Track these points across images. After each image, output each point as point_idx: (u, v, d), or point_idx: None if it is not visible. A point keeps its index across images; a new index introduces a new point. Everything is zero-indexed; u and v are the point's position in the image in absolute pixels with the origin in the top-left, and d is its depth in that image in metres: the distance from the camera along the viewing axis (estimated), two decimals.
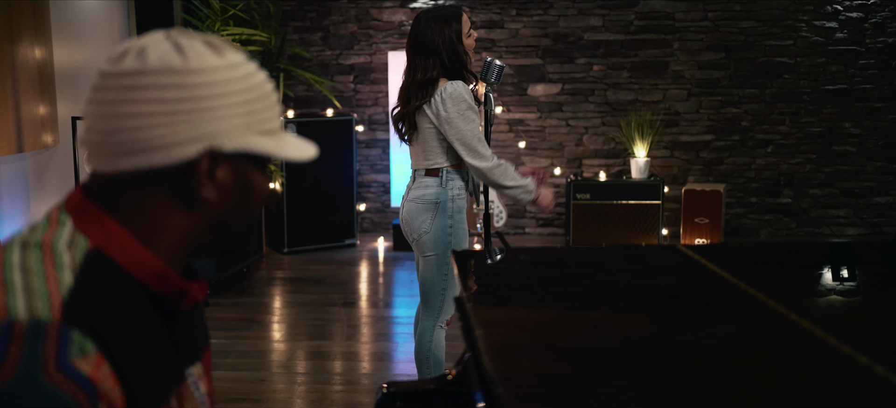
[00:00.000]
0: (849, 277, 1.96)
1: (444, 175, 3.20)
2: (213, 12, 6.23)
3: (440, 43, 3.16)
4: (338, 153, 6.80)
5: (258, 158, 1.09)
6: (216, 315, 5.15)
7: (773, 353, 1.34)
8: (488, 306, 1.65)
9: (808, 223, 7.23)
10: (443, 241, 3.20)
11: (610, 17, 7.09)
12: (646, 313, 1.58)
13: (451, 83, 3.14)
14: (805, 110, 7.09)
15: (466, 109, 3.11)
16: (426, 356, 3.30)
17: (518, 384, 1.20)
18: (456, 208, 3.22)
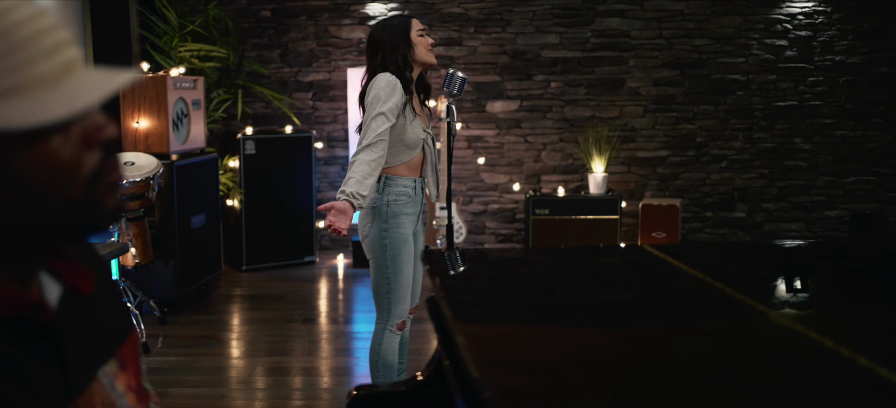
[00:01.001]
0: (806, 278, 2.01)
1: (383, 181, 3.27)
2: (171, 28, 6.19)
3: (384, 39, 3.28)
4: (297, 170, 6.77)
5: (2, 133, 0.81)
6: (175, 333, 5.08)
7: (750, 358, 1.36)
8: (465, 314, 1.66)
9: (761, 237, 7.36)
10: (379, 245, 3.26)
11: (567, 35, 7.18)
12: (611, 325, 1.60)
13: (380, 74, 3.22)
14: (757, 126, 7.24)
15: (374, 98, 3.17)
16: (376, 359, 3.33)
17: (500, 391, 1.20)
18: (392, 214, 3.26)
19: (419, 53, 3.33)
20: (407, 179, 3.31)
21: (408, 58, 3.30)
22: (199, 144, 5.85)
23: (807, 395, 1.15)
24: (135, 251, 5.01)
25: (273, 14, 7.28)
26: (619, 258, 2.52)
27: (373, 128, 3.16)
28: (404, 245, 3.31)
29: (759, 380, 1.22)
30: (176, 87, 5.51)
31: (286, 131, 6.80)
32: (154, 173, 4.94)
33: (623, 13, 7.15)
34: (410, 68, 3.32)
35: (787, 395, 1.15)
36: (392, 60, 3.28)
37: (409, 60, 3.31)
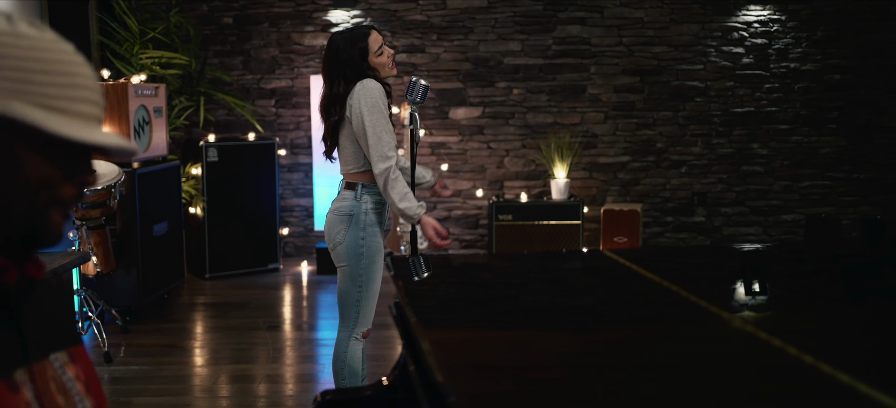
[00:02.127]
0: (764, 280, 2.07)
1: (359, 189, 3.29)
2: (132, 35, 6.15)
3: (346, 59, 3.26)
4: (260, 177, 6.75)
5: (32, 130, 1.01)
6: (137, 342, 5.05)
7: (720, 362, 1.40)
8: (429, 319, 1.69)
9: (720, 240, 7.49)
10: (355, 253, 3.26)
11: (529, 42, 7.25)
12: (574, 330, 1.64)
13: (364, 81, 3.23)
14: (716, 132, 7.37)
15: (372, 106, 3.19)
16: (341, 367, 3.34)
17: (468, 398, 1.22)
18: (369, 222, 3.28)
19: (383, 74, 3.35)
20: (376, 188, 3.33)
21: (374, 77, 3.31)
22: (161, 151, 5.82)
23: (772, 400, 1.19)
24: (96, 260, 4.96)
25: (235, 21, 7.26)
26: (581, 263, 2.56)
27: (387, 141, 3.18)
28: (379, 254, 3.32)
29: (723, 385, 1.26)
30: (137, 94, 5.47)
31: (249, 138, 6.78)
32: (115, 181, 4.90)
33: (584, 21, 7.24)
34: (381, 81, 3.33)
35: (752, 399, 1.20)
36: (361, 74, 3.28)
37: (377, 77, 3.32)
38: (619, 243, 6.82)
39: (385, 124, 3.21)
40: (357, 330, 3.34)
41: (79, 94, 1.05)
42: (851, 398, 1.13)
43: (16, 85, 1.01)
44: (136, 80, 5.67)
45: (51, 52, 1.04)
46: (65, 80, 1.04)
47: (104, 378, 4.43)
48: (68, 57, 1.06)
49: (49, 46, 1.04)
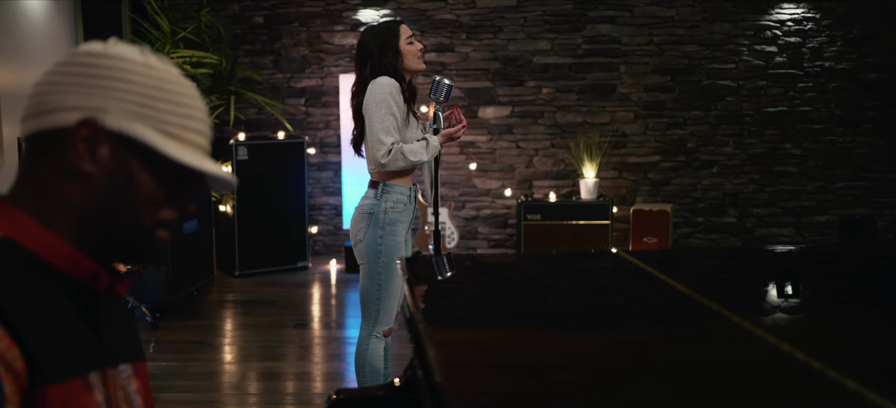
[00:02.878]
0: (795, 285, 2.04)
1: (380, 188, 3.31)
2: (163, 34, 6.21)
3: (373, 48, 3.30)
4: (289, 176, 6.79)
5: (147, 151, 1.10)
6: (166, 338, 5.10)
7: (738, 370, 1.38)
8: (441, 323, 1.68)
9: (752, 242, 7.40)
10: (373, 251, 3.28)
11: (558, 41, 7.22)
12: (601, 331, 1.62)
13: (379, 78, 3.25)
14: (748, 132, 7.28)
15: (380, 102, 3.21)
16: (362, 365, 3.35)
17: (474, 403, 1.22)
18: (389, 221, 3.29)
19: (409, 62, 3.37)
20: (403, 187, 3.34)
21: (397, 67, 3.34)
22: None
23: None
24: None
25: (266, 20, 7.32)
26: (608, 264, 2.54)
27: (380, 128, 3.22)
28: (398, 252, 3.33)
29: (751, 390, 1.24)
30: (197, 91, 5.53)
31: (278, 137, 6.83)
32: None
33: (614, 19, 7.19)
34: (401, 77, 3.36)
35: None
36: (381, 69, 3.32)
37: (398, 69, 3.35)
38: (649, 244, 6.76)
39: (384, 117, 3.22)
40: (378, 328, 3.35)
41: (193, 125, 1.15)
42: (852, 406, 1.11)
43: (140, 109, 1.10)
44: None
45: (174, 85, 1.14)
46: (183, 110, 1.13)
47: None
48: (188, 90, 1.16)
49: (173, 79, 1.14)
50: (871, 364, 1.34)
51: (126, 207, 1.12)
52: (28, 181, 1.11)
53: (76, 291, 1.12)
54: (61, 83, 1.09)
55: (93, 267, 1.12)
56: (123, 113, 1.09)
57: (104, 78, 1.09)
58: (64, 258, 1.09)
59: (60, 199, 1.10)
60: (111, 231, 1.12)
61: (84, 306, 1.13)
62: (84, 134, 1.08)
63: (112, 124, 1.08)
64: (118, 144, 1.10)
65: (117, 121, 1.09)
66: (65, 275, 1.10)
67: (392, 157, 3.23)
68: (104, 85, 1.09)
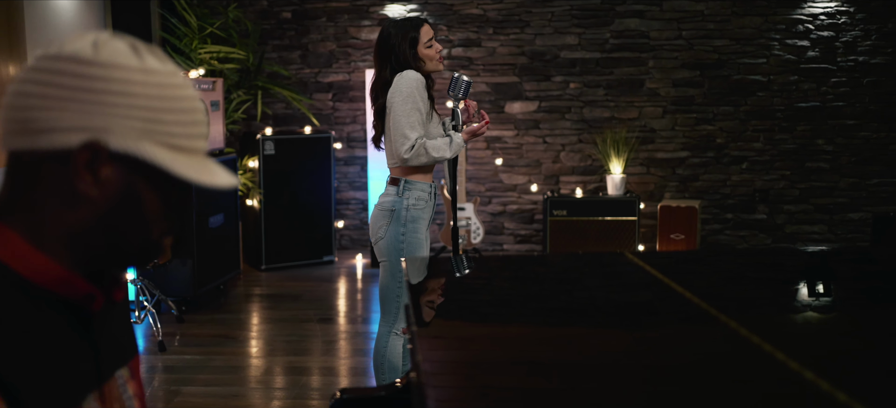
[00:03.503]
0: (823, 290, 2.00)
1: (401, 184, 3.30)
2: (191, 30, 6.27)
3: (395, 45, 3.30)
4: (316, 170, 6.82)
5: (153, 169, 1.04)
6: (191, 331, 5.15)
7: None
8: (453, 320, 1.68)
9: (783, 239, 7.30)
10: (395, 248, 3.28)
11: (586, 36, 7.17)
12: (624, 327, 1.61)
13: (403, 72, 3.25)
14: (779, 127, 7.18)
15: (407, 97, 3.20)
16: (381, 362, 3.36)
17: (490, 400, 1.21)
18: (411, 218, 3.28)
19: (428, 66, 3.37)
20: (424, 183, 3.35)
21: (418, 68, 3.34)
22: (218, 144, 5.93)
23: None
24: None
25: (293, 15, 7.35)
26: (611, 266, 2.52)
27: (407, 123, 3.22)
28: (420, 249, 3.33)
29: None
30: (194, 88, 5.58)
31: (305, 132, 6.86)
32: None
33: (642, 14, 7.12)
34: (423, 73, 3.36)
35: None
36: (402, 67, 3.32)
37: (419, 70, 3.34)
38: (676, 241, 6.70)
39: (410, 112, 3.22)
40: (397, 326, 3.36)
41: (197, 131, 1.08)
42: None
43: (145, 124, 1.02)
44: (193, 74, 5.78)
45: (175, 89, 1.06)
46: (187, 117, 1.07)
47: (157, 367, 4.54)
48: (187, 92, 1.07)
49: (174, 83, 1.06)
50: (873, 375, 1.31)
51: (134, 225, 1.07)
52: (19, 200, 1.05)
53: (71, 311, 1.08)
54: (53, 98, 1.01)
55: (87, 288, 1.08)
56: (128, 132, 1.02)
57: (103, 93, 1.01)
58: (57, 280, 1.05)
59: (58, 220, 1.04)
60: (118, 248, 1.08)
61: (80, 325, 1.09)
62: (87, 158, 1.01)
63: (117, 146, 1.01)
64: (123, 164, 1.03)
65: (122, 141, 1.02)
66: (58, 296, 1.06)
67: (415, 152, 3.23)
68: (104, 101, 1.01)
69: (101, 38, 1.05)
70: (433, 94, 3.40)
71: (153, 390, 4.22)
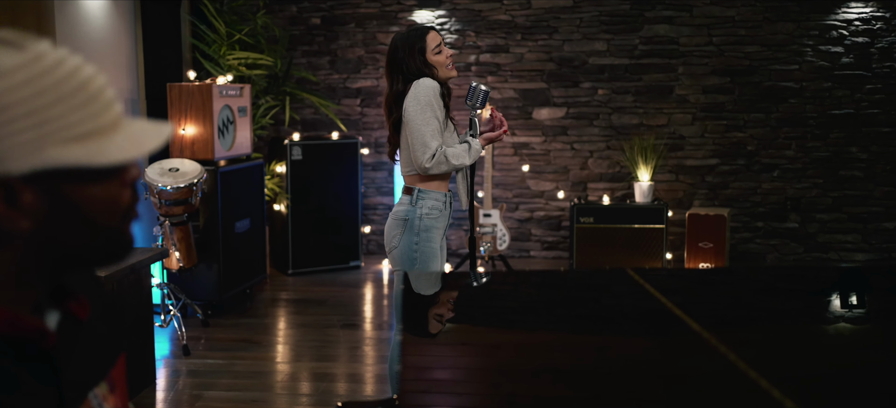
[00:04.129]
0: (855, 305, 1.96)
1: (415, 193, 3.30)
2: (220, 37, 6.33)
3: (403, 58, 3.31)
4: (343, 176, 6.85)
5: (73, 170, 0.94)
6: (216, 336, 5.20)
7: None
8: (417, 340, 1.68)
9: (815, 248, 7.19)
10: (408, 258, 3.27)
11: (614, 42, 7.12)
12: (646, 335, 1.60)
13: (418, 80, 3.24)
14: (811, 135, 7.07)
15: (425, 105, 3.19)
16: (395, 371, 3.35)
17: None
18: (424, 227, 3.27)
19: (439, 73, 3.36)
20: (438, 193, 3.34)
21: (429, 75, 3.33)
22: (245, 149, 5.98)
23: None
24: (179, 255, 5.14)
25: (323, 21, 7.39)
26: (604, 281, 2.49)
27: (428, 132, 3.21)
28: (433, 259, 3.33)
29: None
30: (221, 94, 5.64)
31: (333, 137, 6.90)
32: (197, 180, 5.07)
33: (672, 20, 7.06)
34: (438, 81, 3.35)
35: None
36: (414, 77, 3.31)
37: (432, 77, 3.34)
38: (705, 250, 6.62)
39: (429, 120, 3.20)
40: None
41: (98, 106, 0.96)
42: None
43: (39, 130, 0.91)
44: (221, 81, 5.84)
45: (50, 75, 0.93)
46: (79, 98, 0.94)
47: (181, 371, 4.59)
48: (65, 69, 0.94)
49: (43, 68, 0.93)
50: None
51: (80, 231, 0.97)
52: None
53: (24, 348, 0.98)
54: None
55: (36, 326, 0.99)
56: (24, 150, 0.90)
57: None
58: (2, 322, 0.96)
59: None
60: (72, 257, 1.00)
61: (38, 360, 1.00)
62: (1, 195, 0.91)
63: (21, 169, 0.90)
64: (39, 181, 0.92)
65: (24, 162, 0.90)
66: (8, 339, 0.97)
67: (436, 160, 3.22)
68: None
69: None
70: (448, 104, 3.39)
71: (177, 394, 4.26)
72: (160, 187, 4.97)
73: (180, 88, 5.58)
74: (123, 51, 5.77)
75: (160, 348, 4.89)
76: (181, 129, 5.57)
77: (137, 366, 4.18)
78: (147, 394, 4.21)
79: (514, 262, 7.15)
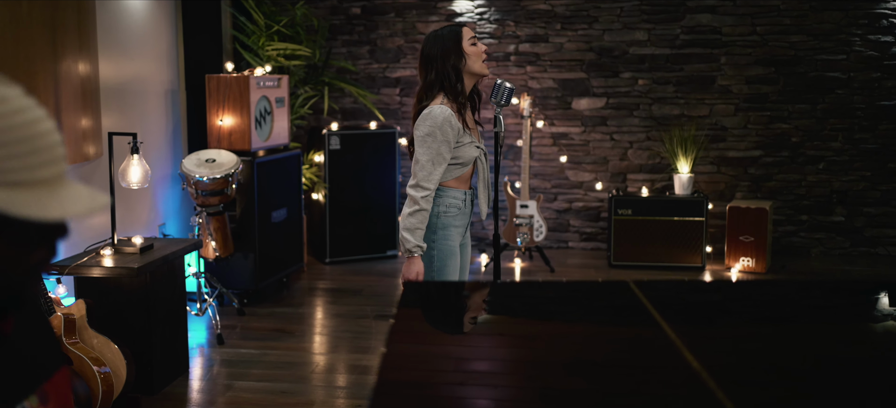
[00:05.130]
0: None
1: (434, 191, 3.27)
2: (259, 28, 6.39)
3: (436, 54, 3.28)
4: (381, 165, 6.89)
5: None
6: (251, 325, 5.27)
7: None
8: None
9: (862, 243, 7.02)
10: (426, 256, 3.27)
11: (655, 32, 7.02)
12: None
13: (433, 106, 3.22)
14: (859, 126, 6.89)
15: (426, 134, 3.17)
16: None
17: None
18: (441, 225, 3.27)
19: (472, 64, 3.33)
20: (457, 191, 3.33)
21: (460, 70, 3.31)
22: (283, 140, 6.04)
23: None
24: (215, 244, 5.23)
25: (362, 11, 7.41)
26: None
27: (428, 171, 3.18)
28: (451, 257, 3.33)
29: None
30: (259, 86, 5.70)
31: (371, 127, 6.93)
32: (233, 170, 5.14)
33: (714, 9, 6.93)
34: (462, 82, 3.33)
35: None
36: (445, 75, 3.29)
37: (461, 72, 3.32)
38: (745, 243, 6.50)
39: (433, 155, 3.18)
40: None
41: (42, 159, 0.96)
42: None
43: None
44: (259, 72, 5.90)
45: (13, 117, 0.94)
46: (25, 146, 0.94)
47: (215, 360, 4.67)
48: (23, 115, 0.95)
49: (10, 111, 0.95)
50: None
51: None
52: None
53: None
54: None
55: None
56: None
57: None
58: None
59: None
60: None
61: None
62: None
63: None
64: None
65: None
66: None
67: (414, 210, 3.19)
68: None
69: None
70: (477, 106, 3.38)
71: (208, 384, 4.34)
72: (197, 178, 5.05)
73: (218, 80, 5.65)
74: (164, 42, 5.87)
75: (196, 337, 4.98)
76: (219, 120, 5.64)
77: (170, 356, 4.27)
78: (180, 383, 4.29)
79: (553, 252, 7.11)
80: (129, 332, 3.97)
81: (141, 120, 5.52)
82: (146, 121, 5.60)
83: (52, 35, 4.42)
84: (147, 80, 5.65)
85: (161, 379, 4.16)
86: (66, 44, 4.55)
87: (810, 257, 7.02)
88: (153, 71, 5.74)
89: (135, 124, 5.38)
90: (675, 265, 6.59)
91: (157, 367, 4.11)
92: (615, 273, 6.57)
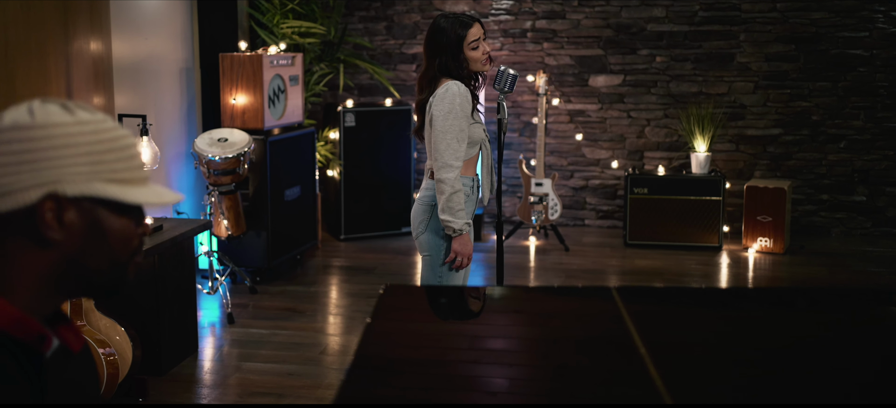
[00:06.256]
0: None
1: None
2: (273, 6, 6.38)
3: (443, 43, 3.24)
4: (396, 142, 6.88)
5: (109, 203, 1.21)
6: (262, 303, 5.31)
7: None
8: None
9: (884, 223, 6.92)
10: (435, 243, 3.27)
11: (674, 8, 6.92)
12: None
13: (449, 83, 3.20)
14: (882, 105, 6.77)
15: (448, 112, 3.16)
16: None
17: None
18: None
19: (472, 67, 3.33)
20: (465, 178, 3.32)
21: (462, 70, 3.30)
22: (297, 118, 6.04)
23: None
24: (227, 223, 5.26)
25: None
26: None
27: (453, 149, 3.17)
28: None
29: None
30: (272, 64, 5.70)
31: (386, 104, 6.92)
32: (245, 150, 5.16)
33: None
34: (465, 69, 3.31)
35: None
36: (446, 68, 3.28)
37: (464, 73, 3.31)
38: (763, 223, 6.43)
39: (456, 132, 3.17)
40: None
41: (135, 164, 1.25)
42: None
43: (92, 168, 1.19)
44: (272, 50, 5.90)
45: (107, 133, 1.22)
46: (125, 154, 1.24)
47: (225, 340, 4.71)
48: (120, 132, 1.24)
49: (105, 127, 1.22)
50: None
51: (101, 254, 1.22)
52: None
53: (25, 353, 1.20)
54: (7, 165, 1.16)
55: (39, 330, 1.20)
56: (78, 178, 1.18)
57: (47, 150, 1.17)
58: (10, 321, 1.18)
59: (28, 267, 1.20)
60: (87, 277, 1.23)
61: (32, 368, 1.20)
62: (50, 207, 1.17)
63: (72, 192, 1.18)
64: (82, 205, 1.19)
65: (75, 187, 1.18)
66: (12, 338, 1.18)
67: (447, 185, 3.16)
68: (50, 156, 1.17)
69: (35, 105, 1.20)
70: (475, 96, 3.36)
71: (216, 364, 4.39)
72: (209, 157, 5.08)
73: (232, 58, 5.66)
74: (179, 21, 5.87)
75: (208, 316, 5.03)
76: (232, 98, 5.66)
77: (179, 337, 4.32)
78: (188, 364, 4.34)
79: (569, 230, 7.08)
80: (137, 313, 4.01)
81: (155, 99, 5.54)
82: (160, 100, 5.63)
83: (64, 15, 4.44)
84: (161, 58, 5.67)
85: (169, 360, 4.21)
86: (78, 23, 4.57)
87: (830, 237, 6.94)
88: (168, 49, 5.75)
89: (148, 104, 5.40)
90: (692, 245, 6.54)
91: (166, 348, 4.16)
92: (631, 252, 6.53)
